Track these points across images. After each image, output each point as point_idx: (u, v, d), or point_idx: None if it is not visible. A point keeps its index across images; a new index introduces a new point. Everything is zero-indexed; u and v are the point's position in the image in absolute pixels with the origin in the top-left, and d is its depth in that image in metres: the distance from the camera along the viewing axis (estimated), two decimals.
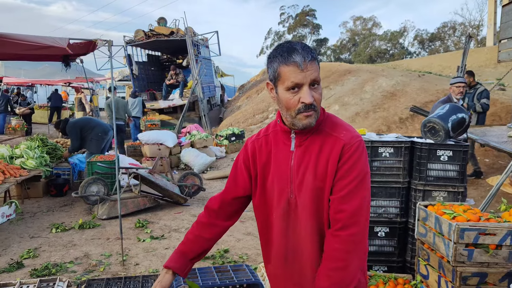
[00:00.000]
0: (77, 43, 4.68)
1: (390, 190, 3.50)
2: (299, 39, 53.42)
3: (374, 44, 50.23)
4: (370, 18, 53.63)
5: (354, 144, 1.39)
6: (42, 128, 16.92)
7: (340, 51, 54.23)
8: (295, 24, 52.91)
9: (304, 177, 1.43)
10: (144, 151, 9.31)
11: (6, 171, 5.92)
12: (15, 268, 3.97)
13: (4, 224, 5.37)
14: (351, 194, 1.37)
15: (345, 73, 14.18)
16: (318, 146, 1.43)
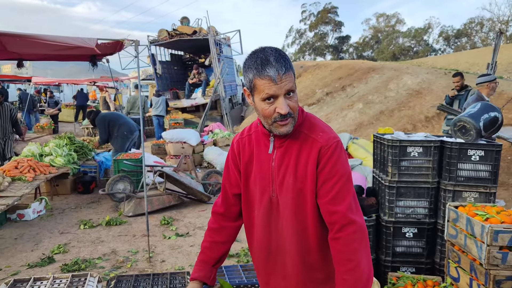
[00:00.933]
0: (105, 43, 4.77)
1: (418, 190, 3.43)
2: (320, 36, 53.05)
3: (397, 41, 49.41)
4: (393, 14, 52.82)
5: (331, 145, 1.43)
6: (68, 126, 17.35)
7: (363, 49, 53.56)
8: (317, 21, 52.53)
9: (284, 178, 1.48)
10: (168, 149, 9.43)
11: (36, 169, 6.10)
12: (47, 262, 4.09)
13: (35, 219, 5.54)
14: (339, 195, 1.41)
15: (369, 71, 13.99)
16: (297, 148, 1.47)
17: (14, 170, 5.91)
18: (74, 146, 7.30)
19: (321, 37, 53.66)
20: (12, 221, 5.45)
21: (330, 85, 13.96)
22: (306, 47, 54.43)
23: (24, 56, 6.61)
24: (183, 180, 6.05)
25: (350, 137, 7.64)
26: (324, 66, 17.22)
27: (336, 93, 13.12)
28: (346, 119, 10.86)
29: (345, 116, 11.04)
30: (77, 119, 18.11)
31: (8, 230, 5.10)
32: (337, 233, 1.40)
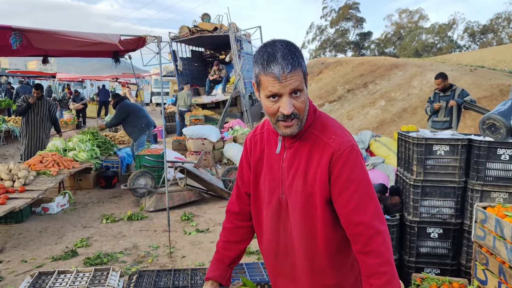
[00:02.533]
0: (127, 39, 4.81)
1: (444, 190, 3.34)
2: (341, 33, 52.45)
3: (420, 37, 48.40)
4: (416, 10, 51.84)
5: (344, 150, 1.34)
6: (91, 122, 17.64)
7: (385, 45, 52.70)
8: (338, 17, 51.93)
9: (294, 180, 1.41)
10: (189, 145, 9.48)
11: (60, 163, 6.22)
12: (70, 256, 4.16)
13: (59, 213, 5.65)
14: (361, 203, 1.33)
15: (392, 68, 13.74)
16: (308, 150, 1.39)
17: (39, 164, 6.04)
18: (97, 141, 7.41)
19: (342, 34, 53.06)
20: (37, 214, 5.57)
21: (351, 81, 13.78)
22: (327, 44, 53.92)
23: (49, 52, 6.73)
24: (204, 176, 6.07)
25: (372, 134, 7.52)
26: (345, 63, 17.01)
27: (357, 90, 12.94)
28: (368, 116, 10.70)
29: (366, 113, 10.87)
30: (100, 115, 18.42)
31: (33, 223, 5.21)
32: (365, 246, 1.32)
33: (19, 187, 5.10)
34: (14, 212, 4.61)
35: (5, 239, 4.67)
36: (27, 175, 5.44)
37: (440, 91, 6.43)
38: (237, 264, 1.73)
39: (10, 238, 4.71)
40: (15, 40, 4.40)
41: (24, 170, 5.51)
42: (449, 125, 6.31)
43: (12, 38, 4.38)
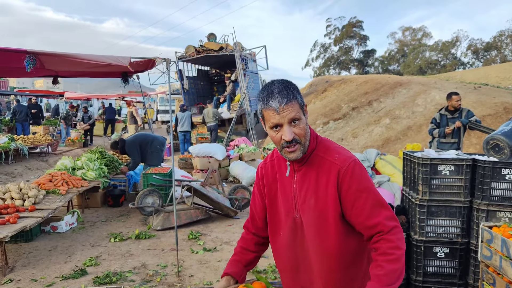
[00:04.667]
0: (137, 61, 4.95)
1: (450, 209, 3.38)
2: (345, 50, 52.91)
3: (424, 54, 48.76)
4: (420, 28, 52.23)
5: (349, 166, 1.51)
6: (98, 140, 17.82)
7: (388, 62, 53.07)
8: (342, 35, 52.47)
9: (306, 199, 1.57)
10: (195, 163, 9.56)
11: (69, 182, 6.32)
12: (80, 275, 4.20)
13: (67, 232, 5.70)
14: (373, 209, 1.49)
15: (396, 86, 13.85)
16: (315, 171, 1.56)
17: (48, 183, 6.14)
18: (105, 160, 7.51)
19: (346, 51, 53.54)
20: (46, 233, 5.63)
21: (356, 99, 13.89)
22: (331, 61, 54.37)
23: (59, 73, 6.92)
24: (210, 195, 6.12)
25: (377, 153, 7.57)
26: (350, 81, 17.16)
27: (362, 108, 13.04)
28: (372, 134, 10.76)
29: (371, 131, 10.94)
30: (106, 133, 18.61)
31: (43, 242, 5.27)
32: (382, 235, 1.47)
33: (29, 206, 5.18)
34: (24, 231, 4.68)
35: (15, 258, 4.72)
36: (37, 194, 5.52)
37: (448, 112, 6.43)
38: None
39: (20, 257, 4.76)
40: (29, 63, 4.55)
41: (34, 189, 5.60)
42: (457, 146, 6.29)
43: (26, 61, 4.54)
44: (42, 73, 6.65)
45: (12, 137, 11.61)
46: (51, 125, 16.42)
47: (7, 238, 4.18)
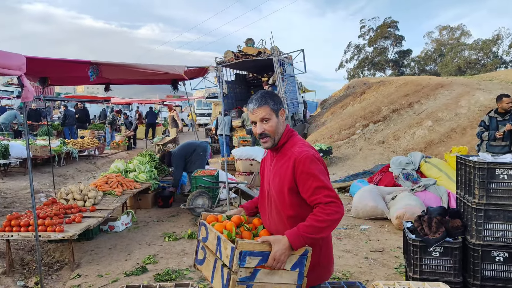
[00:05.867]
0: (191, 69, 5.18)
1: (508, 214, 3.37)
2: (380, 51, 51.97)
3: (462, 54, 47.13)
4: (458, 26, 50.58)
5: (302, 157, 2.07)
6: (140, 143, 18.45)
7: (425, 62, 51.67)
8: (376, 36, 51.59)
9: (274, 178, 2.20)
10: (237, 166, 9.77)
11: (123, 184, 6.66)
12: (141, 272, 4.46)
13: (123, 231, 6.02)
14: (316, 190, 2.03)
15: (437, 87, 13.58)
16: (283, 158, 2.17)
17: (104, 185, 6.50)
18: (155, 163, 7.84)
19: (380, 52, 52.60)
20: (104, 232, 5.97)
21: (396, 102, 13.72)
22: (365, 62, 53.58)
23: (112, 80, 7.29)
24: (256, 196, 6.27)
25: (422, 156, 7.51)
26: (389, 83, 16.94)
27: (403, 110, 12.86)
28: (414, 137, 10.62)
29: (413, 134, 10.79)
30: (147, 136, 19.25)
31: (102, 240, 5.59)
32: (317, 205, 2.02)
33: (90, 207, 5.53)
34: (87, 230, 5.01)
35: (80, 255, 5.06)
36: (96, 195, 5.88)
37: (498, 114, 6.32)
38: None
39: (84, 254, 5.09)
40: (93, 72, 4.88)
41: (93, 190, 5.96)
42: (508, 149, 6.17)
43: (90, 71, 4.87)
44: (97, 81, 7.03)
45: (63, 141, 12.26)
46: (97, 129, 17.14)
47: (75, 236, 4.50)
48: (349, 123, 13.75)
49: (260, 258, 1.95)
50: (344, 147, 12.33)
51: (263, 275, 1.97)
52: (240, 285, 1.95)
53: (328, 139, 13.38)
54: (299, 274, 2.00)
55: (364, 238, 5.60)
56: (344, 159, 11.37)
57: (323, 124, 16.31)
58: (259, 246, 1.96)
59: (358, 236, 5.71)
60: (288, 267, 1.98)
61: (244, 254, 1.93)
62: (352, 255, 4.99)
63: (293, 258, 1.98)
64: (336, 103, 18.71)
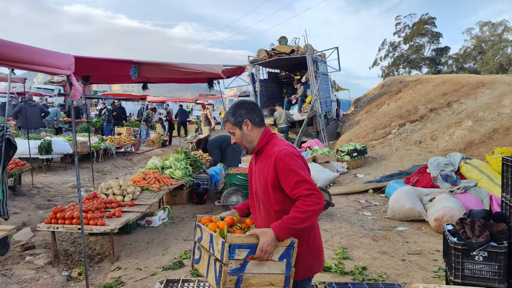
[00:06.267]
0: (228, 68, 5.24)
1: None
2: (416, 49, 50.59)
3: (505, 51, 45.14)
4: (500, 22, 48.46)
5: (281, 155, 2.22)
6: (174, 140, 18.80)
7: (464, 60, 49.87)
8: (412, 33, 50.24)
9: (258, 177, 2.37)
10: None
11: (160, 180, 6.81)
12: (178, 266, 4.56)
13: (160, 226, 6.17)
14: (296, 184, 2.16)
15: (478, 86, 13.09)
16: (265, 158, 2.32)
17: (142, 181, 6.67)
18: (189, 160, 7.97)
19: (416, 49, 51.19)
20: (141, 226, 6.13)
21: (434, 101, 13.33)
22: (400, 60, 52.29)
23: (150, 79, 7.47)
24: None
25: (462, 157, 7.28)
26: (426, 81, 16.47)
27: (441, 110, 12.48)
28: (453, 137, 10.29)
29: (452, 134, 10.46)
30: (180, 133, 19.62)
31: (140, 235, 5.75)
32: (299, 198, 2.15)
33: (129, 202, 5.70)
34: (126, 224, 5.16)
35: (119, 248, 5.23)
36: (134, 190, 6.04)
37: None
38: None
39: (123, 247, 5.26)
40: (134, 72, 5.03)
41: (131, 186, 6.13)
42: None
43: (132, 70, 5.01)
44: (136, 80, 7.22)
45: (102, 138, 12.67)
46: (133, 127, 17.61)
47: (116, 230, 4.65)
48: (384, 122, 13.48)
49: (249, 250, 2.10)
50: (379, 147, 12.10)
51: (253, 266, 2.11)
52: (231, 276, 2.08)
53: (363, 138, 13.18)
54: (287, 264, 2.14)
55: (401, 240, 5.49)
56: (379, 159, 11.16)
57: (357, 123, 16.07)
58: (247, 239, 2.11)
59: (394, 237, 5.61)
60: (276, 258, 2.12)
61: (233, 247, 2.08)
62: (388, 256, 4.91)
63: (280, 249, 2.12)
64: (371, 102, 18.38)
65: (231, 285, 2.09)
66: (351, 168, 10.64)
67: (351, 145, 11.18)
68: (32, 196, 7.88)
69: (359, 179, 9.63)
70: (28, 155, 8.83)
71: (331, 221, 6.43)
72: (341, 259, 4.74)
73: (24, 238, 5.52)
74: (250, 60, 15.49)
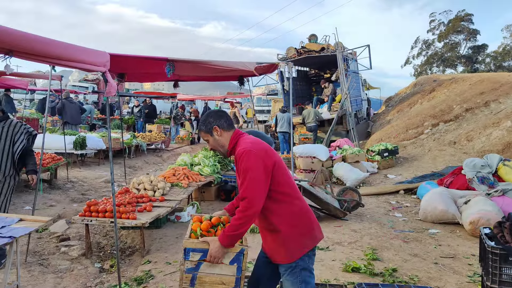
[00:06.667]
0: (261, 66, 5.23)
1: None
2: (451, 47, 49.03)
3: None
4: None
5: (241, 154, 2.34)
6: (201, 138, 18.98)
7: (503, 58, 47.91)
8: (447, 31, 48.71)
9: (238, 180, 2.46)
10: (298, 163, 9.73)
11: (189, 177, 6.90)
12: None
13: (189, 222, 6.22)
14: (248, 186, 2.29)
15: None
16: (236, 160, 2.42)
17: (172, 177, 6.78)
18: (218, 157, 8.04)
19: (451, 47, 49.60)
20: (171, 221, 6.23)
21: (470, 100, 12.88)
22: (434, 59, 50.82)
23: (182, 77, 7.56)
24: (319, 195, 6.21)
25: (500, 158, 7.01)
26: (461, 80, 15.93)
27: (477, 109, 12.04)
28: (491, 138, 9.91)
29: (489, 134, 10.07)
30: None
31: (170, 230, 5.84)
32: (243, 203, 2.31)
33: (160, 197, 5.80)
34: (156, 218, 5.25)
35: (150, 242, 5.32)
36: (164, 186, 6.14)
37: None
38: None
39: (153, 241, 5.35)
40: (169, 69, 5.10)
41: (162, 181, 6.23)
42: None
43: (167, 67, 5.09)
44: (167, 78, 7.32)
45: (133, 135, 12.97)
46: (163, 124, 17.94)
47: (146, 224, 4.74)
48: (417, 122, 13.13)
49: (202, 254, 2.40)
50: (411, 147, 11.81)
51: (206, 267, 2.42)
52: (187, 274, 2.42)
53: (394, 138, 12.89)
54: (238, 268, 2.41)
55: (433, 243, 5.34)
56: (410, 159, 10.90)
57: (388, 122, 15.74)
58: (200, 245, 2.42)
59: (426, 240, 5.46)
60: (227, 261, 2.40)
61: (188, 250, 2.42)
62: (420, 259, 4.79)
63: (231, 255, 2.39)
64: (403, 101, 17.96)
65: (187, 281, 2.42)
66: (382, 168, 10.43)
67: (382, 144, 10.96)
68: (67, 190, 8.16)
69: (389, 180, 9.43)
70: (64, 150, 9.13)
71: (361, 221, 6.33)
72: (370, 260, 4.66)
73: (60, 230, 5.72)
74: (279, 58, 15.44)
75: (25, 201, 6.93)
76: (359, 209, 6.82)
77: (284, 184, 2.42)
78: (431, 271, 4.42)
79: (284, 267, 2.45)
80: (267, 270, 2.60)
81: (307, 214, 2.51)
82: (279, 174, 2.40)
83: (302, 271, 2.43)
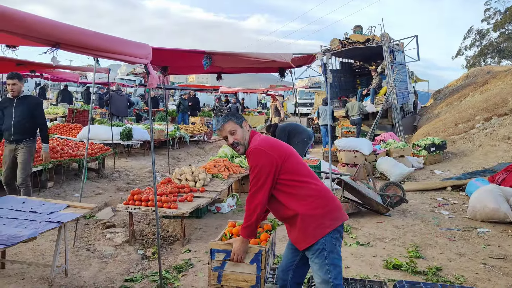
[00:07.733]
0: (298, 57, 5.17)
1: None
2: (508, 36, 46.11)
3: None
4: None
5: (249, 152, 2.54)
6: None
7: None
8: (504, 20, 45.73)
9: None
10: (340, 157, 9.56)
11: (230, 168, 6.97)
12: None
13: (228, 213, 6.32)
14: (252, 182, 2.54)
15: None
16: None
17: (213, 168, 6.88)
18: None
19: (508, 37, 46.64)
20: (211, 212, 6.33)
21: None
22: (489, 49, 47.99)
23: (224, 70, 7.62)
24: (361, 190, 6.07)
25: None
26: None
27: None
28: None
29: None
30: None
31: (210, 220, 5.94)
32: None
33: (200, 188, 5.90)
34: (198, 208, 5.35)
35: (190, 231, 5.44)
36: (205, 177, 6.25)
37: None
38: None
39: (193, 231, 5.47)
40: (206, 62, 5.15)
41: (202, 172, 6.34)
42: None
43: (204, 60, 5.15)
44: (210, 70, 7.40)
45: (177, 127, 13.28)
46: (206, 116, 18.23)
47: (187, 214, 4.85)
48: (467, 115, 12.49)
49: (225, 254, 2.74)
50: (460, 142, 11.25)
51: (230, 266, 2.74)
52: (214, 271, 2.76)
53: (442, 132, 12.35)
54: (258, 267, 2.69)
55: (482, 242, 5.08)
56: (459, 155, 10.40)
57: (436, 116, 15.09)
58: (224, 246, 2.76)
59: (474, 239, 5.20)
60: (248, 261, 2.70)
61: (213, 251, 2.78)
62: (467, 259, 4.57)
63: (251, 255, 2.70)
64: (453, 94, 17.13)
65: (215, 278, 2.75)
66: (428, 163, 10.02)
67: (429, 139, 10.53)
68: (113, 179, 8.50)
69: (436, 176, 9.05)
70: (111, 141, 9.51)
71: (404, 217, 6.13)
72: (413, 257, 4.51)
73: (106, 217, 5.97)
74: (323, 50, 15.16)
75: (75, 189, 7.29)
76: (403, 205, 6.61)
77: (297, 172, 2.57)
78: (479, 272, 4.21)
79: (311, 251, 2.53)
80: (295, 257, 2.75)
81: (324, 196, 2.58)
82: (292, 163, 2.56)
83: (330, 253, 2.49)
